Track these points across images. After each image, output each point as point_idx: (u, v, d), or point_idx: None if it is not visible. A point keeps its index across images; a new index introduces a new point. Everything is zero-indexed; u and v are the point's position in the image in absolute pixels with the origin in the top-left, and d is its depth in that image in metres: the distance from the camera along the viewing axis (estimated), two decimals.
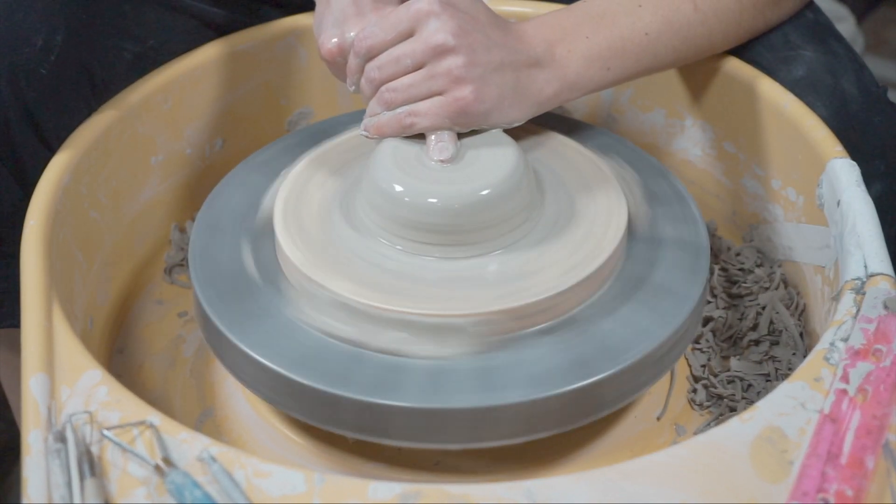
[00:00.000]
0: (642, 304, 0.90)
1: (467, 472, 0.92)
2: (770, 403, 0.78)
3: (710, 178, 1.13)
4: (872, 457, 0.75)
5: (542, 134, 1.01)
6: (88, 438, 0.78)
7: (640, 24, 0.98)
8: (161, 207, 1.14)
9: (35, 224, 0.94)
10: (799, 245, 1.03)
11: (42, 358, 0.83)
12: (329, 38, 0.96)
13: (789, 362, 1.00)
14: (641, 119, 1.17)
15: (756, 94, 1.05)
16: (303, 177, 0.98)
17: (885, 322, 0.82)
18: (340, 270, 0.89)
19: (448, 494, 0.73)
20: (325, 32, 0.96)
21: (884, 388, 0.78)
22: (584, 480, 0.74)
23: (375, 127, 0.94)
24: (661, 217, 0.97)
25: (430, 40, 0.90)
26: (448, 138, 0.92)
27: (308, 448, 0.94)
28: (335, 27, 0.96)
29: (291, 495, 0.74)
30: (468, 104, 0.91)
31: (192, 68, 1.12)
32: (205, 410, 0.99)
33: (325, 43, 0.96)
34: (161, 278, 1.13)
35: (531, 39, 0.94)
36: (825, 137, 0.98)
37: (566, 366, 0.85)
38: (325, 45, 0.96)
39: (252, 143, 1.15)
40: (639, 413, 0.96)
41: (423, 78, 0.91)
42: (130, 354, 1.05)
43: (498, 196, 0.90)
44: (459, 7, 0.92)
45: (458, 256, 0.90)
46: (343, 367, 0.85)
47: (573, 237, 0.92)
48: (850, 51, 1.05)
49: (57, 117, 1.02)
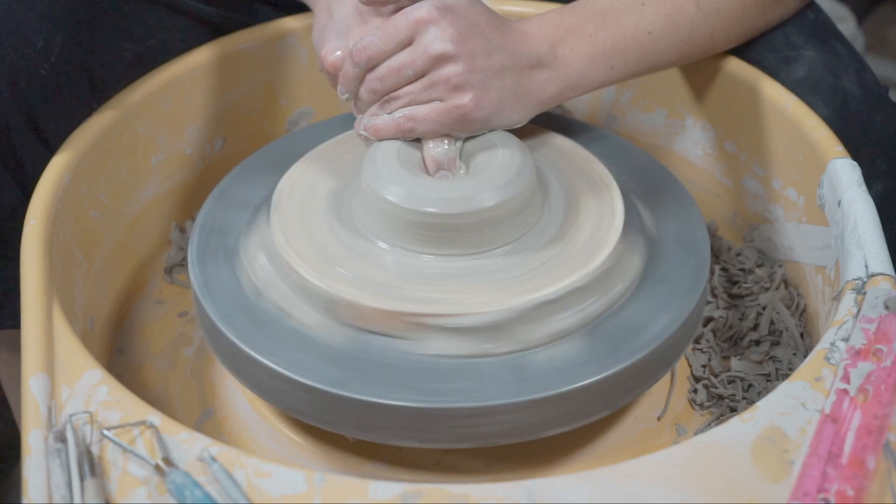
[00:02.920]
0: (642, 304, 0.90)
1: (467, 471, 0.92)
2: (771, 403, 0.78)
3: (710, 179, 1.13)
4: (873, 457, 0.74)
5: (542, 134, 1.01)
6: (89, 438, 0.78)
7: (644, 22, 0.98)
8: (161, 207, 1.14)
9: (35, 224, 0.94)
10: (800, 245, 1.03)
11: (42, 358, 0.83)
12: (332, 50, 0.95)
13: (790, 362, 1.00)
14: (642, 119, 1.17)
15: (757, 95, 1.05)
16: (302, 177, 0.98)
17: (886, 322, 0.82)
18: (339, 271, 0.89)
19: (448, 494, 0.73)
20: (329, 44, 0.96)
21: (884, 388, 0.78)
22: (584, 480, 0.74)
23: (373, 129, 0.94)
24: (662, 217, 0.97)
25: (430, 49, 0.90)
26: (447, 145, 0.92)
27: (308, 448, 0.94)
28: (339, 38, 0.96)
29: (292, 495, 0.74)
30: (468, 111, 0.91)
31: (192, 68, 1.12)
32: (205, 410, 0.99)
33: (328, 55, 0.95)
34: (161, 278, 1.13)
35: (533, 39, 0.94)
36: (826, 137, 0.98)
37: (567, 365, 0.85)
38: (329, 57, 0.95)
39: (252, 143, 1.15)
40: (639, 413, 0.96)
41: (423, 87, 0.91)
42: (130, 354, 1.05)
43: (502, 209, 0.90)
44: (458, 12, 0.91)
45: (457, 257, 0.90)
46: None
47: (573, 239, 0.92)
48: (852, 50, 1.05)
49: (57, 117, 1.02)
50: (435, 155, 0.93)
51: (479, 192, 0.89)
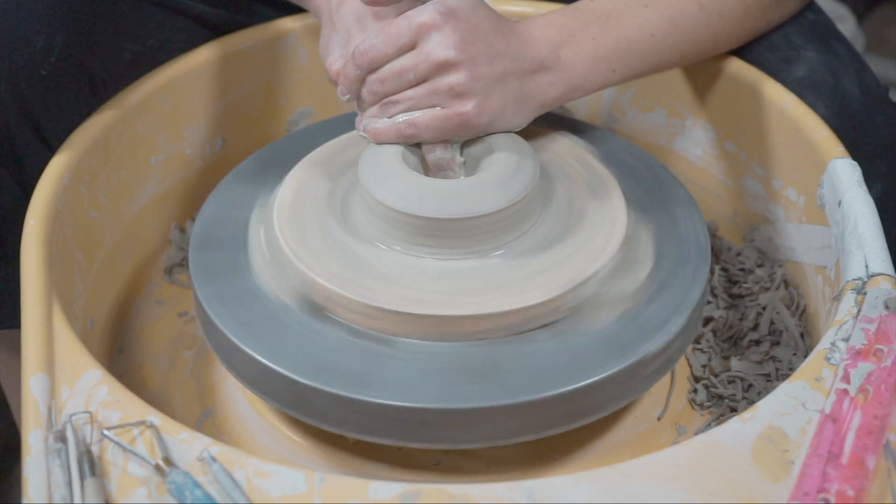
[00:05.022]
0: (643, 304, 0.90)
1: (467, 471, 0.92)
2: (771, 403, 0.78)
3: (710, 178, 1.13)
4: (873, 457, 0.74)
5: (542, 134, 1.01)
6: (89, 438, 0.78)
7: (647, 24, 0.97)
8: (161, 207, 1.14)
9: (35, 224, 0.94)
10: (800, 245, 1.03)
11: (42, 358, 0.83)
12: (337, 59, 0.95)
13: (790, 362, 1.00)
14: (642, 119, 1.17)
15: (757, 95, 1.05)
16: (302, 177, 0.98)
17: (886, 322, 0.82)
18: (339, 271, 0.89)
19: (448, 494, 0.73)
20: (333, 53, 0.96)
21: (885, 388, 0.78)
22: (584, 480, 0.73)
23: (373, 133, 0.93)
24: (662, 217, 0.97)
25: (432, 56, 0.89)
26: (447, 147, 0.92)
27: (308, 448, 0.94)
28: (342, 47, 0.96)
29: (292, 495, 0.74)
30: (470, 118, 0.91)
31: (192, 68, 1.12)
32: (205, 410, 0.99)
33: (332, 64, 0.95)
34: (161, 278, 1.12)
35: (536, 42, 0.94)
36: (826, 137, 0.98)
37: (567, 365, 0.85)
38: (333, 66, 0.95)
39: (252, 143, 1.15)
40: (639, 413, 0.96)
41: (424, 93, 0.91)
42: (131, 354, 1.05)
43: (502, 211, 0.90)
44: (461, 17, 0.90)
45: (457, 258, 0.90)
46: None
47: (574, 239, 0.92)
48: (852, 51, 1.05)
49: (57, 118, 1.02)
50: (435, 157, 0.93)
51: (478, 194, 0.89)
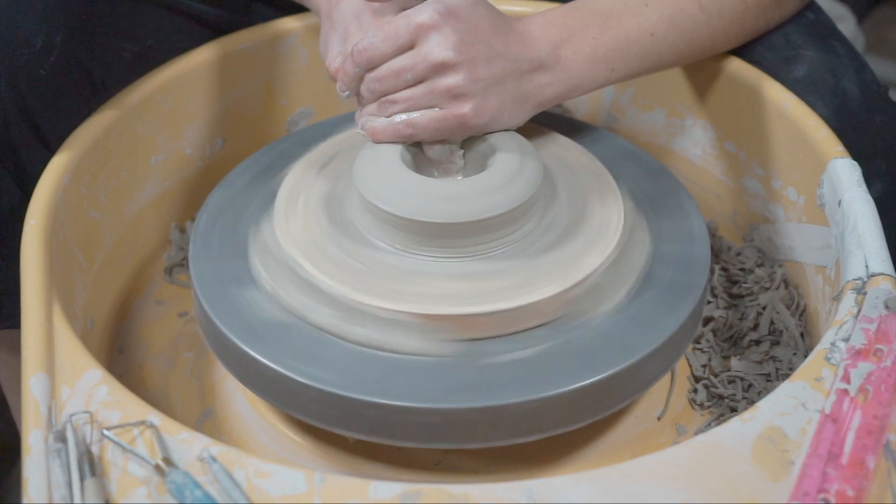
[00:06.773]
0: (643, 303, 0.90)
1: (467, 471, 0.92)
2: (771, 403, 0.78)
3: (710, 178, 1.13)
4: (873, 457, 0.74)
5: (541, 134, 1.01)
6: (89, 438, 0.78)
7: (646, 24, 0.97)
8: (161, 207, 1.14)
9: (35, 224, 0.94)
10: (800, 245, 1.03)
11: (42, 358, 0.83)
12: (336, 57, 0.95)
13: (790, 362, 1.00)
14: (642, 118, 1.17)
15: (757, 94, 1.05)
16: (302, 177, 0.98)
17: (886, 322, 0.82)
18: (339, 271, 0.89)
19: (448, 494, 0.73)
20: (333, 51, 0.96)
21: (885, 389, 0.78)
22: (584, 480, 0.73)
23: (371, 131, 0.93)
24: (662, 217, 0.97)
25: (431, 57, 0.89)
26: (446, 145, 0.93)
27: (308, 448, 0.94)
28: (341, 45, 0.96)
29: (292, 495, 0.74)
30: (468, 119, 0.91)
31: (192, 68, 1.12)
32: (205, 410, 0.99)
33: (332, 62, 0.95)
34: (161, 278, 1.13)
35: (536, 41, 0.94)
36: (826, 137, 0.98)
37: (568, 365, 0.85)
38: (333, 64, 0.95)
39: (252, 143, 1.15)
40: (639, 413, 0.96)
41: (423, 93, 0.91)
42: (131, 354, 1.05)
43: (508, 216, 0.90)
44: (460, 17, 0.90)
45: (456, 258, 0.90)
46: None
47: (574, 239, 0.92)
48: (852, 50, 1.05)
49: (57, 118, 1.02)
50: (435, 153, 0.93)
51: (481, 197, 0.89)
